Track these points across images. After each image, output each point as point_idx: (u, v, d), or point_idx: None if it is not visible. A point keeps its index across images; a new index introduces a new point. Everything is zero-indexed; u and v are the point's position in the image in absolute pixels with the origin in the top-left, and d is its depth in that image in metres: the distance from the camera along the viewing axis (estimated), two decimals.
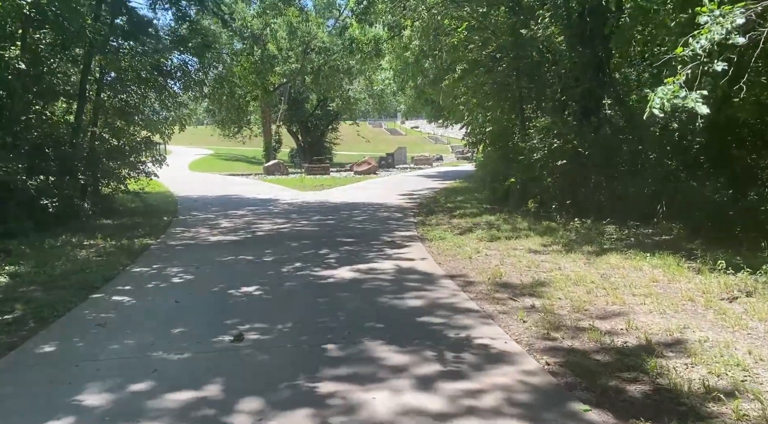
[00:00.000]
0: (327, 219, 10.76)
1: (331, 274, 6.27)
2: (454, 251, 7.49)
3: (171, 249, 7.98)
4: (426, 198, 14.73)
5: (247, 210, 12.31)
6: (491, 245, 7.86)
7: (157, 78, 12.31)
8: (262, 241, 8.57)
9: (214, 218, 11.22)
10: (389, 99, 37.44)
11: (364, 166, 27.04)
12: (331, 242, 8.36)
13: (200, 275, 6.34)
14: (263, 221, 10.54)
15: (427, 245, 8.02)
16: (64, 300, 5.22)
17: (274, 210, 12.33)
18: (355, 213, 11.62)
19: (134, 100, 12.67)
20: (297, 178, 23.39)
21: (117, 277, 6.24)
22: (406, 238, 8.63)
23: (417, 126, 73.78)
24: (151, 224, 10.32)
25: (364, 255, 7.33)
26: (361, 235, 8.95)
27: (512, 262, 6.71)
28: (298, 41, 29.30)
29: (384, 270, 6.42)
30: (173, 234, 9.29)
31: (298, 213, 11.73)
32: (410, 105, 19.25)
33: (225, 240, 8.65)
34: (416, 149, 46.25)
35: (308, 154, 34.41)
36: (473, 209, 11.71)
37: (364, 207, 12.73)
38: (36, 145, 10.09)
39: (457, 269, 6.51)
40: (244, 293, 5.52)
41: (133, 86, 12.23)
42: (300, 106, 36.98)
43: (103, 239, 8.56)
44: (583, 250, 7.22)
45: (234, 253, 7.56)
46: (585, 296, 5.16)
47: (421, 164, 34.36)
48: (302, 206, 12.99)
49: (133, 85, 12.19)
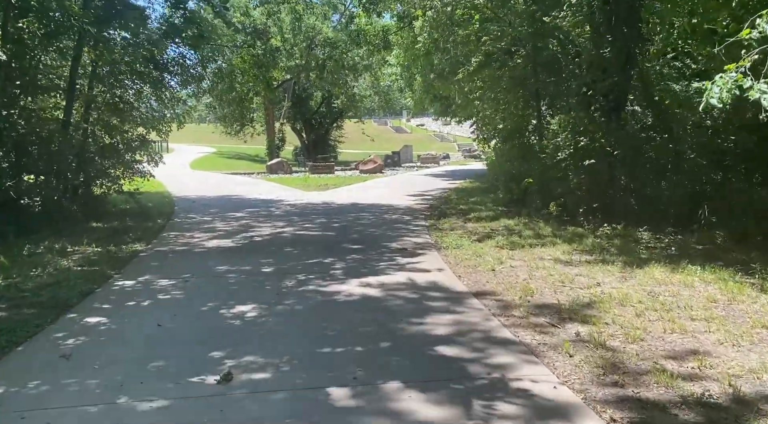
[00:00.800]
0: (332, 222, 10.01)
1: (337, 289, 5.52)
2: (474, 261, 6.73)
3: (161, 257, 7.25)
4: (436, 199, 13.96)
5: (247, 212, 11.59)
6: (514, 253, 7.09)
7: (153, 72, 11.59)
8: (262, 248, 7.84)
9: (211, 220, 10.49)
10: (395, 96, 36.66)
11: (369, 165, 26.27)
12: (337, 248, 7.61)
13: (190, 290, 5.60)
14: (264, 225, 9.80)
15: (443, 254, 7.25)
16: (29, 322, 4.49)
17: (275, 212, 11.60)
18: (362, 215, 10.87)
19: (129, 95, 11.96)
20: (301, 177, 22.65)
21: (96, 292, 5.52)
22: (419, 245, 7.87)
23: (422, 124, 72.92)
24: (143, 227, 9.61)
25: (374, 265, 6.58)
26: (369, 241, 8.20)
27: (542, 275, 5.94)
28: (303, 37, 28.57)
29: (398, 285, 5.67)
30: (166, 239, 8.57)
31: (301, 215, 11.00)
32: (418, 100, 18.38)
33: (221, 246, 7.92)
34: (422, 147, 45.46)
35: (312, 153, 33.67)
36: (489, 212, 10.93)
37: (372, 209, 11.98)
38: (20, 143, 9.40)
39: (481, 283, 5.75)
40: (237, 313, 4.78)
41: (127, 81, 11.51)
42: (304, 103, 36.23)
43: (89, 244, 7.84)
44: (619, 260, 6.44)
45: (230, 262, 6.83)
46: (636, 321, 4.40)
47: (428, 163, 33.55)
48: (306, 208, 12.25)
49: (127, 80, 11.48)
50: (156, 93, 12.79)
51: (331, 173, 24.65)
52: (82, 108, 11.40)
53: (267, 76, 12.99)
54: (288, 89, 34.04)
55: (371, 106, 39.69)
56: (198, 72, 12.88)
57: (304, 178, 21.97)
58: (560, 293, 5.30)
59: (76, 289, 5.48)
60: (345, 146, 41.77)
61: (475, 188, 16.44)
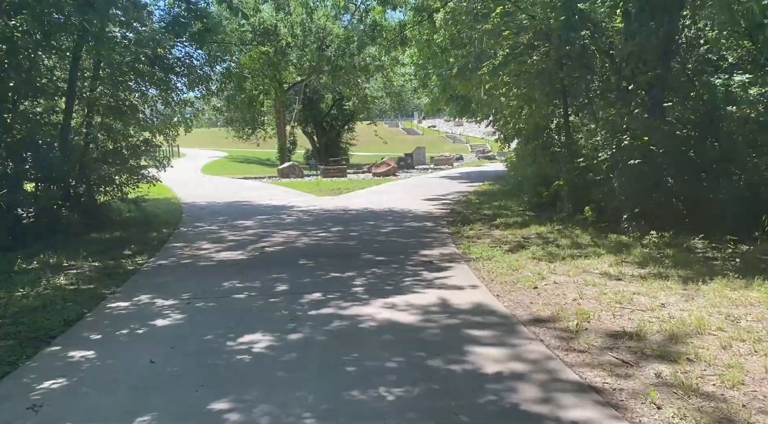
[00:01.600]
0: (349, 230, 9.30)
1: (359, 313, 4.80)
2: (511, 276, 5.97)
3: (164, 272, 6.59)
4: (456, 203, 13.20)
5: (258, 220, 10.93)
6: (555, 267, 6.32)
7: (157, 73, 10.99)
8: (274, 260, 7.15)
9: (220, 229, 9.84)
10: (408, 96, 35.95)
11: (383, 167, 25.56)
12: (355, 261, 6.90)
13: (192, 313, 4.92)
14: (276, 234, 9.12)
15: (474, 267, 6.50)
16: (1, 359, 3.84)
17: (287, 219, 10.93)
18: (379, 222, 10.14)
19: (133, 98, 11.37)
20: (313, 181, 22.02)
21: (86, 317, 4.86)
22: (446, 256, 7.12)
23: (434, 125, 72.08)
24: (147, 238, 8.99)
25: (399, 281, 5.85)
26: (390, 251, 7.47)
27: (594, 294, 5.17)
28: (314, 37, 27.98)
29: (428, 306, 4.94)
30: (170, 251, 7.92)
31: (315, 223, 10.30)
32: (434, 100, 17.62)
33: (230, 259, 7.25)
34: (434, 149, 44.71)
35: (324, 156, 33.08)
36: (516, 217, 10.15)
37: (389, 215, 11.25)
38: (16, 148, 8.83)
39: (524, 304, 4.99)
40: (245, 346, 4.08)
41: (130, 82, 10.92)
42: (315, 106, 35.68)
43: (87, 258, 7.22)
44: (677, 275, 5.65)
45: (238, 278, 6.14)
46: (725, 356, 3.62)
47: (442, 165, 32.79)
48: (319, 214, 11.56)
49: (130, 82, 10.89)
50: (162, 95, 12.23)
51: (344, 177, 24.00)
52: (84, 111, 10.87)
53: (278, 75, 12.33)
54: (299, 92, 33.52)
55: (383, 107, 38.99)
56: (205, 72, 12.25)
57: (316, 182, 21.34)
58: (621, 316, 4.53)
59: (64, 314, 4.83)
60: (356, 149, 41.15)
61: (497, 191, 15.65)
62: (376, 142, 38.87)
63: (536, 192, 11.25)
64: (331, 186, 18.87)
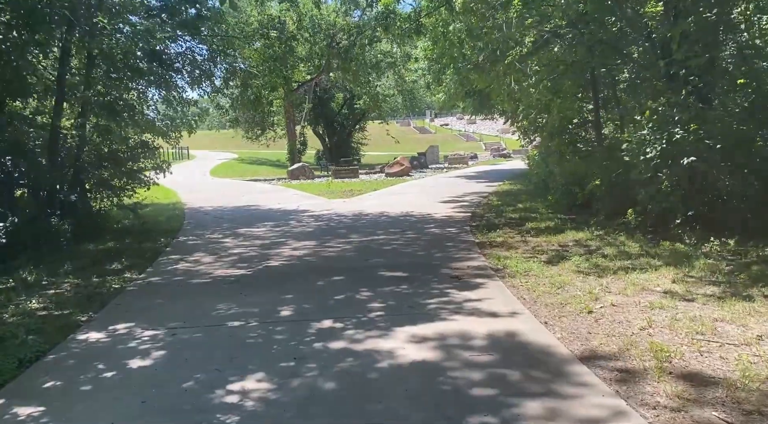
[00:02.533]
0: (362, 238, 8.41)
1: (377, 347, 3.92)
2: (558, 296, 5.04)
3: (152, 293, 5.76)
4: (477, 206, 12.25)
5: (264, 227, 10.09)
6: (607, 283, 5.37)
7: (156, 69, 10.21)
8: (279, 277, 6.28)
9: (222, 238, 9.01)
10: (421, 94, 35.00)
11: (396, 167, 24.65)
12: (371, 277, 6.01)
13: (175, 350, 4.07)
14: (283, 244, 8.27)
15: (510, 284, 5.57)
16: None
17: (296, 227, 10.07)
18: (397, 229, 9.23)
19: (130, 97, 10.61)
20: (324, 182, 21.19)
21: (47, 355, 4.03)
22: (475, 270, 6.20)
23: (447, 123, 71.01)
24: (142, 249, 8.20)
25: (423, 304, 4.95)
26: (411, 264, 6.57)
27: (664, 321, 4.22)
28: (323, 35, 27.16)
29: (461, 339, 4.03)
30: (164, 265, 7.10)
31: (326, 230, 9.43)
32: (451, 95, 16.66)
33: (229, 276, 6.40)
34: (447, 148, 43.73)
35: (335, 156, 32.27)
36: (547, 222, 9.18)
37: (406, 220, 10.34)
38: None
39: (581, 335, 4.06)
40: (235, 397, 3.21)
41: (127, 80, 10.15)
42: (326, 105, 34.91)
43: (70, 274, 6.44)
44: (760, 294, 4.68)
45: (236, 300, 5.29)
46: None
47: (456, 164, 31.80)
48: (331, 220, 10.69)
49: (126, 79, 10.11)
50: (162, 94, 11.47)
51: (356, 177, 23.15)
52: (77, 112, 10.13)
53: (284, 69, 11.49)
54: (308, 91, 32.76)
55: (395, 106, 38.07)
56: (208, 69, 11.46)
57: (327, 183, 20.51)
58: (709, 353, 3.58)
59: (21, 352, 3.99)
60: (368, 148, 40.31)
61: (519, 192, 14.67)
62: (387, 142, 37.97)
63: (567, 193, 10.26)
64: (343, 188, 18.02)
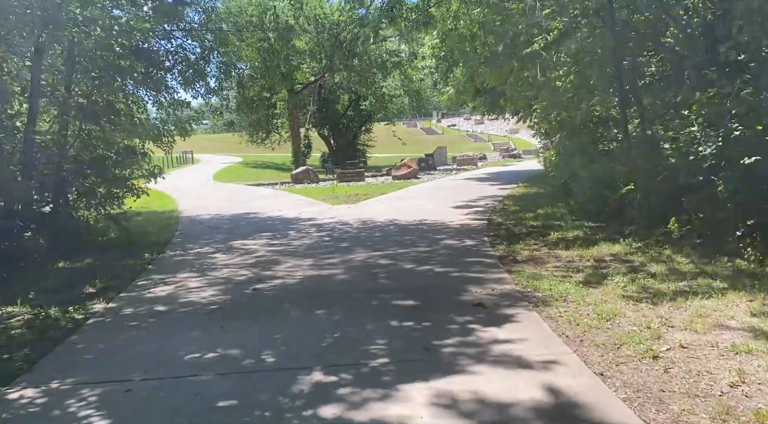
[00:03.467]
0: (368, 254, 7.46)
1: (383, 416, 2.97)
2: (608, 332, 4.07)
3: (116, 328, 4.84)
4: (494, 211, 11.27)
5: (261, 239, 9.18)
6: (666, 313, 4.38)
7: (139, 68, 9.36)
8: (268, 305, 5.35)
9: (213, 253, 8.10)
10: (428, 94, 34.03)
11: (403, 169, 23.70)
12: (376, 306, 5.05)
13: (123, 418, 3.14)
14: (279, 260, 7.34)
15: (546, 314, 4.60)
16: None
17: (296, 238, 9.14)
18: (407, 241, 8.28)
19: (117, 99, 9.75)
20: (328, 186, 20.29)
21: None
22: (501, 295, 5.23)
23: (454, 124, 69.99)
24: (122, 267, 7.31)
25: (441, 345, 4.00)
26: (424, 288, 5.61)
27: (761, 373, 3.24)
28: (327, 34, 26.34)
29: (493, 403, 3.07)
30: (141, 290, 6.19)
31: (328, 244, 8.50)
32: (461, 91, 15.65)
33: (211, 303, 5.48)
34: (455, 149, 42.77)
35: (341, 158, 31.41)
36: (575, 231, 8.20)
37: (416, 229, 9.39)
38: None
39: (653, 395, 3.09)
40: None
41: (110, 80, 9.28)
42: (331, 107, 34.08)
43: (27, 303, 5.56)
44: None
45: (213, 340, 4.36)
46: None
47: (465, 165, 30.80)
48: (334, 230, 9.75)
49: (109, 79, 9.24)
50: (151, 95, 10.63)
51: (362, 181, 22.22)
52: (56, 115, 9.30)
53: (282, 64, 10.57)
54: (313, 92, 31.93)
55: (401, 107, 37.14)
56: (201, 68, 10.59)
57: (331, 187, 19.61)
58: None
59: None
60: (374, 150, 39.42)
61: (536, 195, 13.67)
62: (394, 143, 37.06)
63: (595, 198, 9.26)
64: (348, 192, 17.11)
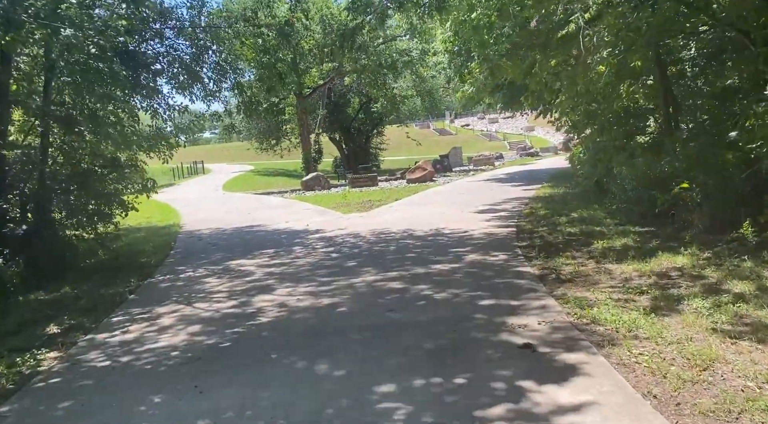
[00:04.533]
0: (381, 275, 6.37)
1: None
2: (711, 390, 2.97)
3: (61, 393, 3.80)
4: (522, 216, 10.14)
5: (262, 257, 8.20)
6: None
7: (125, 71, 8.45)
8: (258, 350, 4.31)
9: (206, 277, 7.12)
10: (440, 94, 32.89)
11: (418, 172, 22.62)
12: (395, 352, 3.96)
13: None
14: (278, 287, 6.30)
15: (618, 360, 3.49)
16: None
17: (300, 255, 8.13)
18: (426, 256, 7.20)
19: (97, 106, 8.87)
20: (340, 193, 19.31)
21: None
22: (553, 331, 4.10)
23: (467, 124, 68.67)
24: (101, 296, 6.37)
25: (486, 419, 2.92)
26: (451, 322, 4.52)
27: None
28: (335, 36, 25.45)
29: None
30: (112, 328, 5.20)
31: (336, 262, 7.45)
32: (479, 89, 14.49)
33: (192, 347, 4.46)
34: (470, 149, 41.55)
35: (353, 162, 30.46)
36: (622, 238, 7.04)
37: (437, 240, 8.31)
38: None
39: None
40: None
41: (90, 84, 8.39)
42: (341, 111, 33.18)
43: None
44: None
45: (183, 403, 3.35)
46: None
47: (482, 165, 29.64)
48: (344, 244, 8.72)
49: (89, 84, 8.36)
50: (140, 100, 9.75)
51: (375, 185, 21.20)
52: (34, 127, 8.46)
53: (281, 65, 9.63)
54: (322, 96, 31.06)
55: (413, 108, 36.06)
56: (195, 69, 9.67)
57: (343, 194, 18.62)
58: None
59: None
60: (387, 153, 38.43)
61: (566, 196, 12.50)
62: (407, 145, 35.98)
63: (640, 198, 8.09)
64: (361, 198, 16.10)
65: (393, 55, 28.34)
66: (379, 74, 28.61)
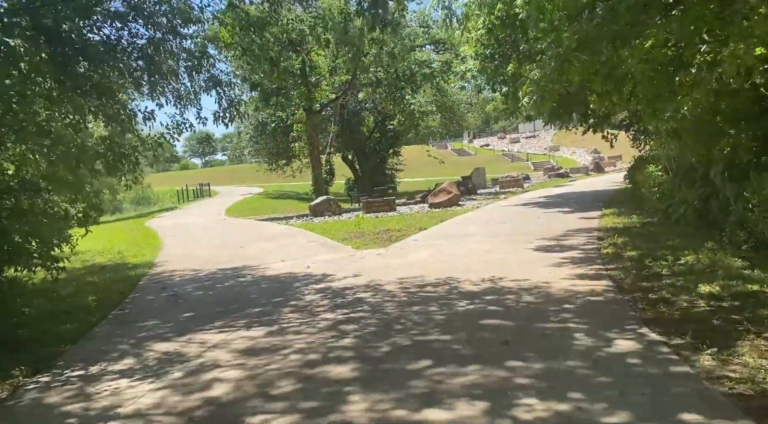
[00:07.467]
0: (429, 387, 3.61)
1: None
2: None
3: None
4: (605, 260, 7.29)
5: (236, 327, 5.46)
6: None
7: (61, 62, 5.97)
8: None
9: (132, 381, 4.38)
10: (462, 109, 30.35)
11: (441, 195, 19.82)
12: None
13: None
14: (244, 411, 3.56)
15: None
16: None
17: (293, 324, 5.36)
18: (487, 336, 4.40)
19: (20, 109, 6.35)
20: (353, 219, 16.61)
21: None
22: None
23: (487, 144, 66.10)
24: None
25: None
26: None
27: None
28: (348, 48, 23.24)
29: None
30: None
31: (344, 349, 4.67)
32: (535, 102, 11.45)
33: None
34: (493, 170, 38.75)
35: (367, 184, 27.92)
36: None
37: (500, 302, 5.50)
38: None
39: None
40: None
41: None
42: (355, 129, 30.86)
43: None
44: None
45: None
46: None
47: (510, 187, 26.80)
48: (357, 305, 5.93)
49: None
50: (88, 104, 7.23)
51: (392, 211, 18.48)
52: None
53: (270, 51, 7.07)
54: (334, 113, 28.77)
55: (432, 126, 33.49)
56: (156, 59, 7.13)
57: (356, 220, 15.91)
58: None
59: None
60: (404, 174, 35.84)
61: (648, 227, 9.58)
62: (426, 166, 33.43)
63: None
64: (377, 227, 13.38)
65: (412, 67, 26.03)
66: (396, 88, 26.31)
